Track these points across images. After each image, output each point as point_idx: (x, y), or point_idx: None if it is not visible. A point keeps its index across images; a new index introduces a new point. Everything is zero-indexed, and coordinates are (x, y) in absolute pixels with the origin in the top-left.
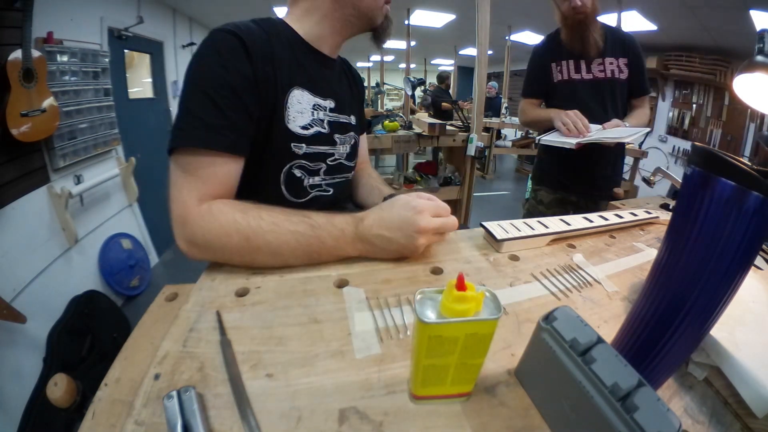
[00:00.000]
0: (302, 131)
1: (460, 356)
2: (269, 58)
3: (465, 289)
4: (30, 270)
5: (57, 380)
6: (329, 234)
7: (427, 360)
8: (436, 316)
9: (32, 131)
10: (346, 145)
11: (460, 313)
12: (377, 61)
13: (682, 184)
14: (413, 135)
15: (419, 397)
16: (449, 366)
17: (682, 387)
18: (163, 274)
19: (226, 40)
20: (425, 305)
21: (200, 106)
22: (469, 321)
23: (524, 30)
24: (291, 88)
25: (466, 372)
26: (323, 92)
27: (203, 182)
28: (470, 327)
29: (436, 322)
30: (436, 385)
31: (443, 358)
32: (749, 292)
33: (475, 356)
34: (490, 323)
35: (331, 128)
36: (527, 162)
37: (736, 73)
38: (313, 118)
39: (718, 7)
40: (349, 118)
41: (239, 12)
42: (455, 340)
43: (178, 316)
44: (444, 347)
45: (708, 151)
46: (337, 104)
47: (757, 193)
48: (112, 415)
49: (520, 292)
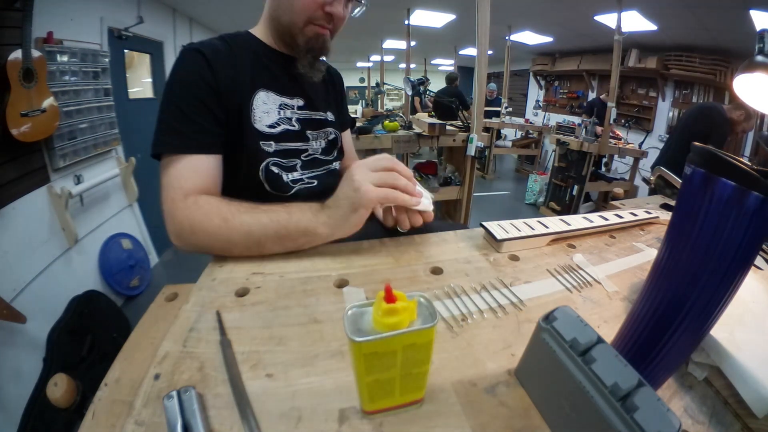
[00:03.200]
0: (269, 130)
1: (402, 368)
2: (231, 66)
3: (394, 301)
4: (30, 270)
5: (57, 380)
6: (298, 207)
7: (369, 377)
8: (368, 331)
9: (32, 131)
10: (321, 140)
11: (392, 327)
12: (377, 61)
13: (682, 184)
14: (413, 135)
15: (370, 412)
16: (394, 379)
17: (682, 387)
18: (163, 274)
19: (190, 56)
20: (357, 321)
21: (172, 116)
22: (403, 333)
23: (524, 30)
24: (255, 90)
25: (412, 381)
26: (290, 92)
27: (185, 180)
28: (406, 339)
29: (366, 339)
30: (384, 398)
31: (385, 372)
32: (749, 292)
33: (418, 365)
34: (427, 332)
35: (302, 125)
36: (527, 162)
37: (736, 73)
38: (280, 117)
39: (718, 7)
40: (324, 114)
41: (239, 12)
42: (393, 353)
43: (178, 316)
44: (383, 362)
45: (708, 151)
46: (308, 102)
47: (757, 193)
48: (112, 415)
49: (520, 291)
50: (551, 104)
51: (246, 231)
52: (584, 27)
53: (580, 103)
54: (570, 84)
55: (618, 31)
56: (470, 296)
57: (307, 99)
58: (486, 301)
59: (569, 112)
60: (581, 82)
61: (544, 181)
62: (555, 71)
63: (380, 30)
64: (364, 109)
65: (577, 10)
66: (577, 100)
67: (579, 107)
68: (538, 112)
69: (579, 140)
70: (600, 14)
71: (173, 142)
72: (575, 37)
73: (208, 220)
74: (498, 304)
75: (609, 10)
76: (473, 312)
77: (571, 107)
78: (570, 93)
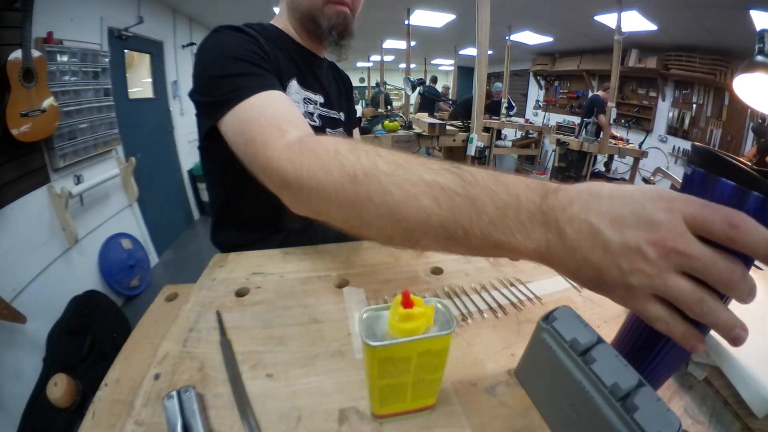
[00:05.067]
0: None
1: (415, 374)
2: (269, 49)
3: (412, 306)
4: (30, 270)
5: (57, 380)
6: (491, 198)
7: (381, 381)
8: (384, 335)
9: (32, 131)
10: None
11: (409, 332)
12: (377, 61)
13: (682, 184)
14: (413, 135)
15: (380, 416)
16: (406, 384)
17: (682, 387)
18: (163, 274)
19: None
20: (372, 325)
21: (237, 67)
22: (419, 339)
23: (524, 30)
24: (290, 78)
25: (425, 388)
26: (313, 87)
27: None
28: (421, 345)
29: (382, 344)
30: (395, 403)
31: (398, 377)
32: None
33: (432, 372)
34: (443, 339)
35: (323, 122)
36: (527, 162)
37: (736, 73)
38: (304, 111)
39: (718, 7)
40: (338, 114)
41: (239, 12)
42: (407, 359)
43: (178, 316)
44: (397, 367)
45: (708, 151)
46: (327, 100)
47: (757, 193)
48: (112, 415)
49: (521, 291)
50: (551, 104)
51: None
52: (584, 27)
53: (580, 102)
54: (570, 84)
55: (618, 31)
56: (470, 296)
57: (326, 97)
58: (486, 301)
59: (569, 112)
60: (581, 82)
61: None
62: (555, 71)
63: (380, 30)
64: (364, 109)
65: (577, 10)
66: (577, 100)
67: (579, 107)
68: (538, 112)
69: (579, 140)
70: (600, 14)
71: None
72: (575, 37)
73: (325, 172)
74: (498, 304)
75: (609, 10)
76: (473, 312)
77: (571, 107)
78: (570, 93)
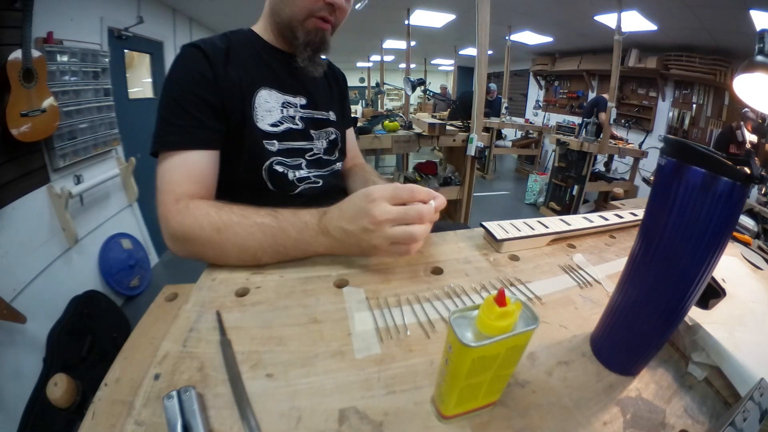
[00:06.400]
0: (272, 128)
1: (496, 370)
2: (231, 63)
3: (506, 304)
4: (30, 270)
5: (57, 380)
6: (293, 226)
7: (467, 381)
8: (473, 335)
9: (32, 131)
10: (323, 140)
11: (503, 330)
12: (377, 61)
13: (656, 175)
14: (413, 135)
15: (449, 417)
16: (484, 382)
17: (682, 387)
18: (163, 274)
19: (189, 51)
20: (463, 326)
21: (170, 112)
22: (512, 336)
23: (524, 30)
24: (258, 88)
25: (498, 383)
26: (293, 90)
27: (179, 183)
28: (511, 341)
29: (480, 344)
30: (469, 401)
31: (482, 375)
32: (749, 292)
33: (508, 367)
34: (528, 334)
35: (306, 124)
36: (527, 162)
37: (736, 73)
38: (283, 116)
39: (718, 7)
40: (327, 114)
41: (239, 12)
42: (496, 356)
43: (178, 316)
44: (484, 365)
45: (680, 142)
46: (310, 100)
47: (726, 178)
48: (112, 415)
49: (521, 291)
50: (551, 104)
51: (240, 245)
52: (584, 27)
53: (580, 103)
54: (570, 84)
55: (618, 31)
56: (470, 296)
57: (309, 97)
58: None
59: (569, 112)
60: (581, 82)
61: (544, 181)
62: (555, 71)
63: (380, 30)
64: (364, 109)
65: (577, 10)
66: (577, 100)
67: (579, 107)
68: (538, 112)
69: (579, 140)
70: (600, 14)
71: (171, 138)
72: (575, 37)
73: (200, 229)
74: None
75: (609, 10)
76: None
77: (571, 107)
78: (570, 93)
